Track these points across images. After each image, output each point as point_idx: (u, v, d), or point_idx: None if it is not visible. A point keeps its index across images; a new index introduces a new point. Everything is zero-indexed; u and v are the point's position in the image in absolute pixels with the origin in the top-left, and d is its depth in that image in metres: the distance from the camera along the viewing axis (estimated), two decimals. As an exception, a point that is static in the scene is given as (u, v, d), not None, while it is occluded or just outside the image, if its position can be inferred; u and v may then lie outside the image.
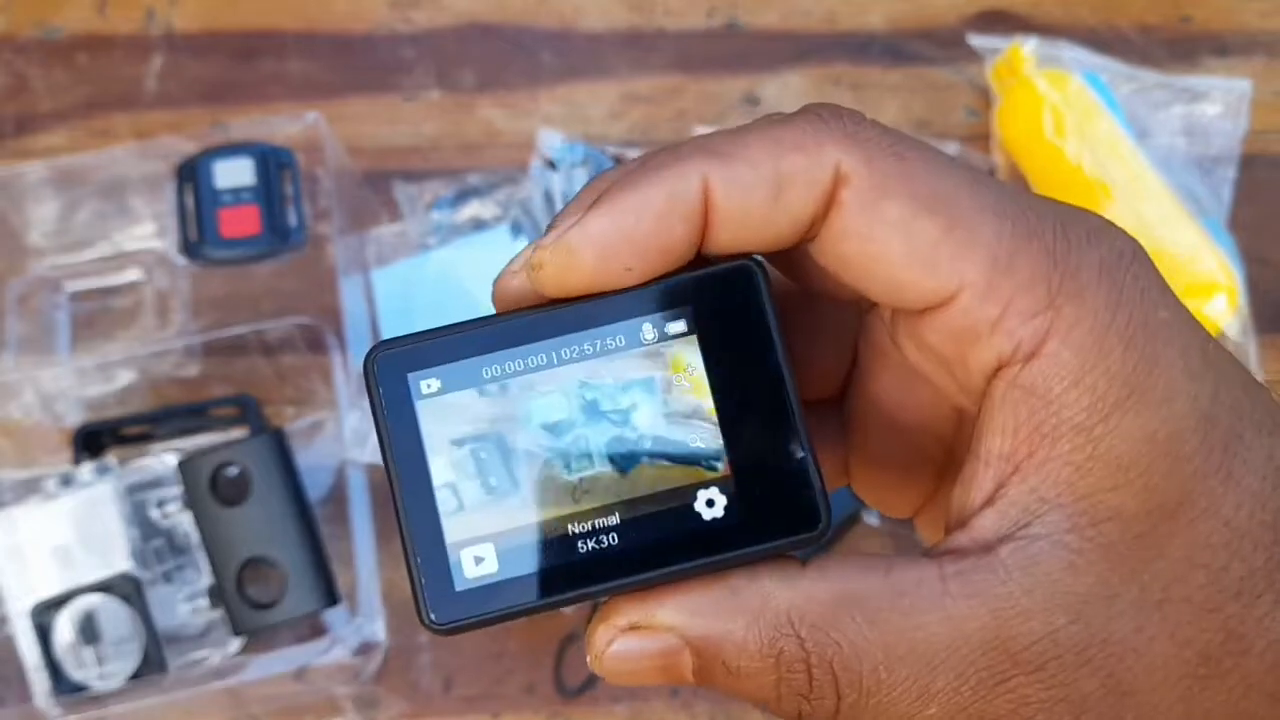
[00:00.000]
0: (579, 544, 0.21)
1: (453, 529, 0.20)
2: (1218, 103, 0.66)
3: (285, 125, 0.60)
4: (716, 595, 0.19)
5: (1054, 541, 0.19)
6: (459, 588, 0.20)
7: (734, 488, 0.20)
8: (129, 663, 0.51)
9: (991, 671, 0.19)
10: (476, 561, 0.20)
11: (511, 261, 0.21)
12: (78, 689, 0.50)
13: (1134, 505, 0.19)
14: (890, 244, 0.19)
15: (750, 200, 0.19)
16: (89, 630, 0.51)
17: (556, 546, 0.21)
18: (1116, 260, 0.19)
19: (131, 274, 0.62)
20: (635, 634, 0.20)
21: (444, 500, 0.20)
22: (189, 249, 0.58)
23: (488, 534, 0.20)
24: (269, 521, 0.50)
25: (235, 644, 0.53)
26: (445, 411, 0.21)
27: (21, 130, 0.66)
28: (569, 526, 0.21)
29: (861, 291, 0.20)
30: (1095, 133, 0.62)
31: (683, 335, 0.21)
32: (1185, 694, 0.19)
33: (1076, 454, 0.19)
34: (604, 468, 0.21)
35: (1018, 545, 0.19)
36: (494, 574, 0.20)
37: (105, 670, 0.51)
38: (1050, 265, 0.19)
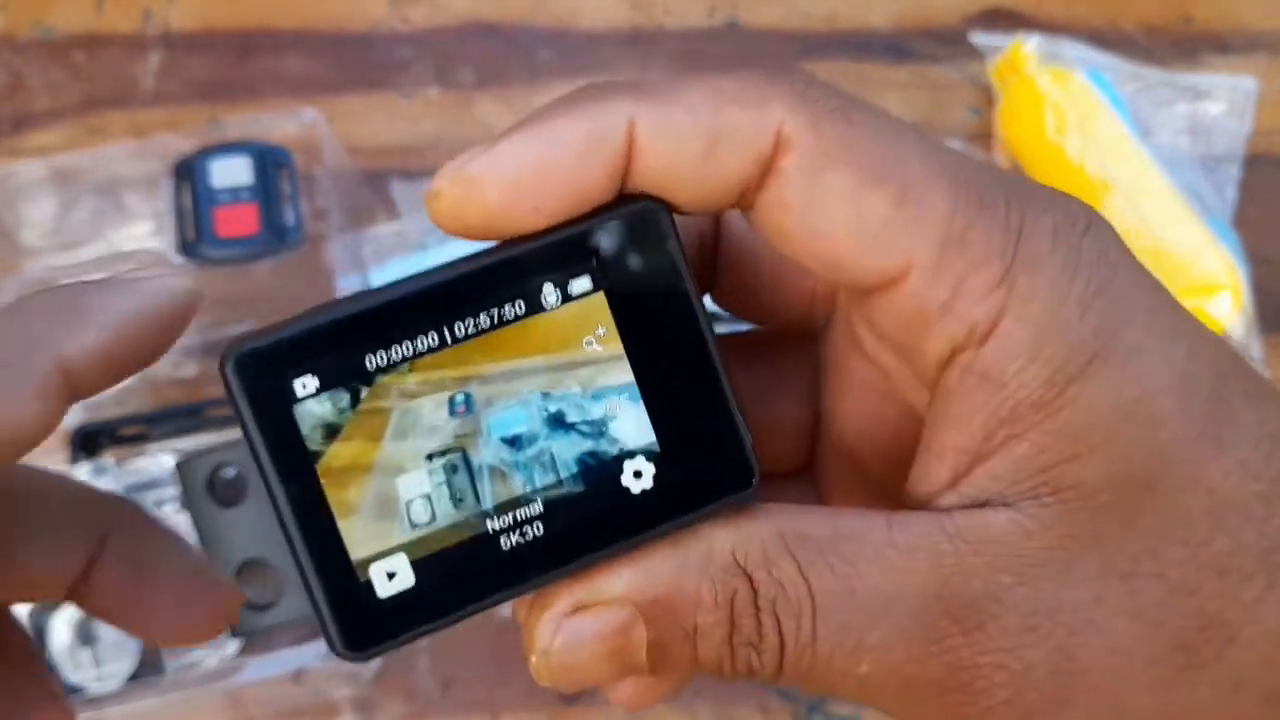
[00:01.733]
0: (501, 539, 0.19)
1: (356, 545, 0.18)
2: (1222, 101, 0.66)
3: (283, 124, 0.59)
4: (662, 555, 0.18)
5: (1009, 512, 0.17)
6: (373, 608, 0.18)
7: (660, 455, 0.18)
8: (126, 664, 0.50)
9: (928, 630, 0.17)
10: (389, 577, 0.18)
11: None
12: (74, 691, 0.50)
13: (1099, 473, 0.17)
14: (834, 218, 0.17)
15: (680, 150, 0.17)
16: (86, 632, 0.50)
17: (477, 546, 0.19)
18: (1071, 226, 0.18)
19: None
20: (583, 614, 0.18)
21: (341, 513, 0.18)
22: (186, 248, 0.58)
23: (396, 544, 0.18)
24: (267, 523, 0.50)
25: (233, 646, 0.53)
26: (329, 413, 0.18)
27: (17, 128, 0.65)
28: (487, 523, 0.19)
29: (804, 266, 0.18)
30: (1098, 131, 0.62)
31: (588, 294, 0.18)
32: (1157, 684, 0.17)
33: (1034, 432, 0.17)
34: (515, 453, 0.18)
35: (973, 512, 0.18)
36: (410, 587, 0.18)
37: (102, 672, 0.50)
38: (1004, 237, 0.17)
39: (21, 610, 0.50)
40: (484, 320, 0.18)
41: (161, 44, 0.68)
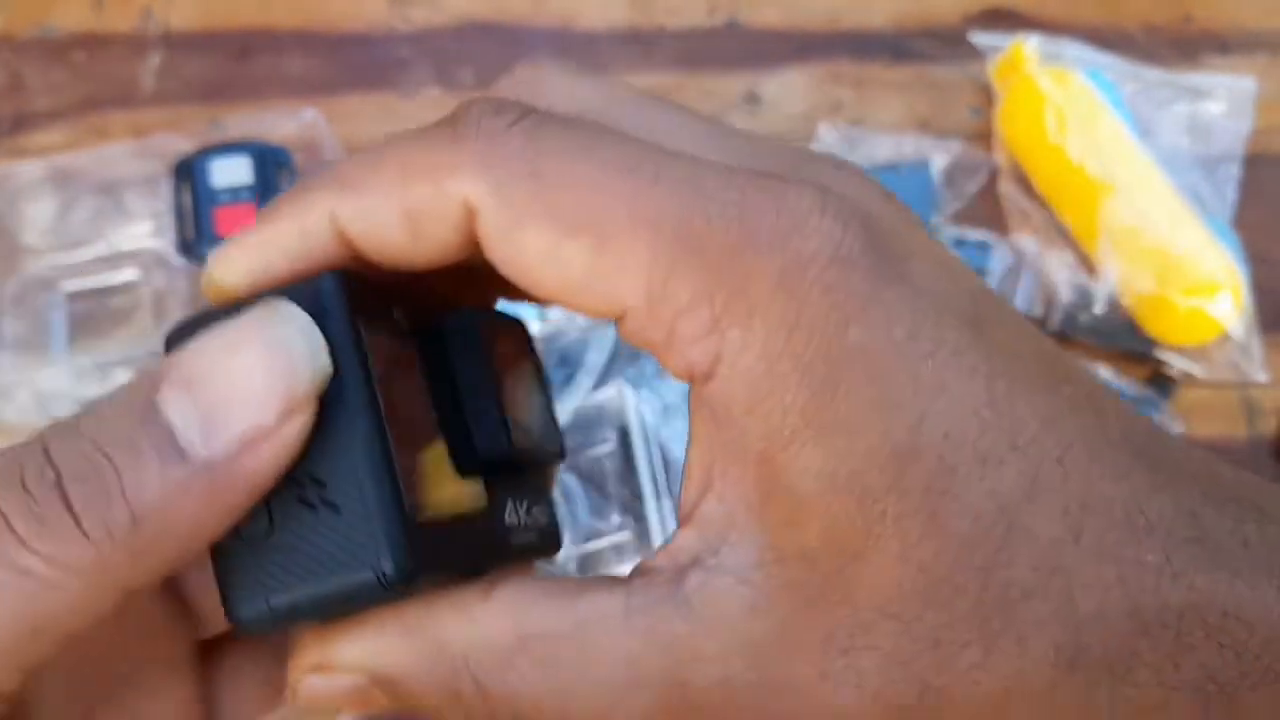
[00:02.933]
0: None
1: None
2: (1222, 101, 0.66)
3: (282, 123, 0.60)
4: (397, 633, 0.18)
5: (738, 578, 0.17)
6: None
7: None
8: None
9: (672, 717, 0.17)
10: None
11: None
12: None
13: (817, 544, 0.17)
14: (542, 273, 0.17)
15: (385, 235, 0.18)
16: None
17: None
18: (803, 267, 0.17)
19: (128, 273, 0.61)
20: (323, 673, 0.19)
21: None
22: (186, 248, 0.58)
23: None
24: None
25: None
26: None
27: (17, 129, 0.65)
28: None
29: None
30: (1098, 131, 0.61)
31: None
32: None
33: (762, 481, 0.17)
34: None
35: (704, 578, 0.18)
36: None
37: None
38: (715, 284, 0.17)
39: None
40: None
41: (161, 44, 0.68)
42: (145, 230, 0.61)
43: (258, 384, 0.17)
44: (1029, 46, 0.64)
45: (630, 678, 0.17)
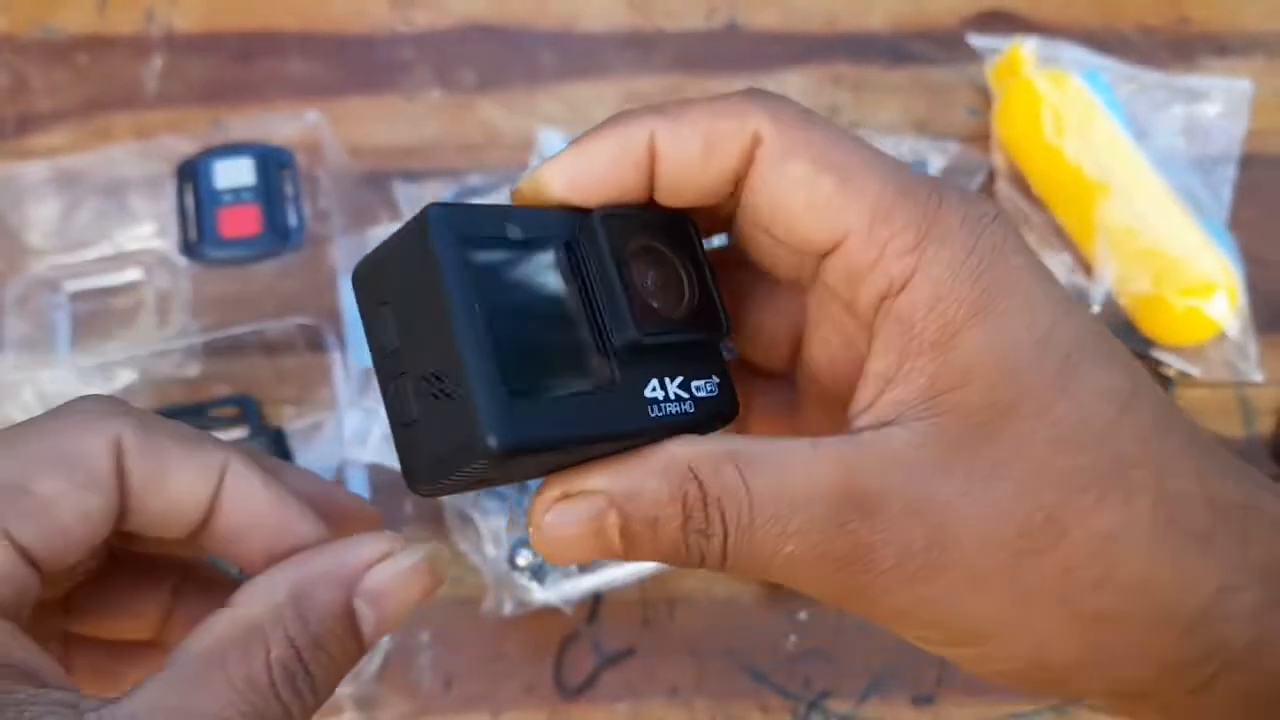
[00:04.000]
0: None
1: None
2: (1218, 102, 0.66)
3: (285, 125, 0.60)
4: (635, 460, 0.23)
5: (904, 427, 0.23)
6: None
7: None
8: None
9: (837, 515, 0.22)
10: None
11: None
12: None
13: (974, 401, 0.22)
14: (793, 195, 0.23)
15: (687, 152, 0.23)
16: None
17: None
18: (979, 219, 0.23)
19: (131, 274, 0.62)
20: (568, 501, 0.23)
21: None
22: (189, 249, 0.58)
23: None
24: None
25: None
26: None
27: (21, 130, 0.66)
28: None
29: (776, 238, 0.24)
30: (1095, 132, 0.62)
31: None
32: (1006, 564, 0.22)
33: (931, 364, 0.22)
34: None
35: (880, 430, 0.23)
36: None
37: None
38: (921, 216, 0.23)
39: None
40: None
41: (164, 45, 0.68)
42: (148, 231, 0.62)
43: (417, 608, 0.24)
44: (1026, 49, 0.64)
45: (811, 485, 0.22)
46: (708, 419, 0.24)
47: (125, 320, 0.61)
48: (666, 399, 0.24)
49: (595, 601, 0.56)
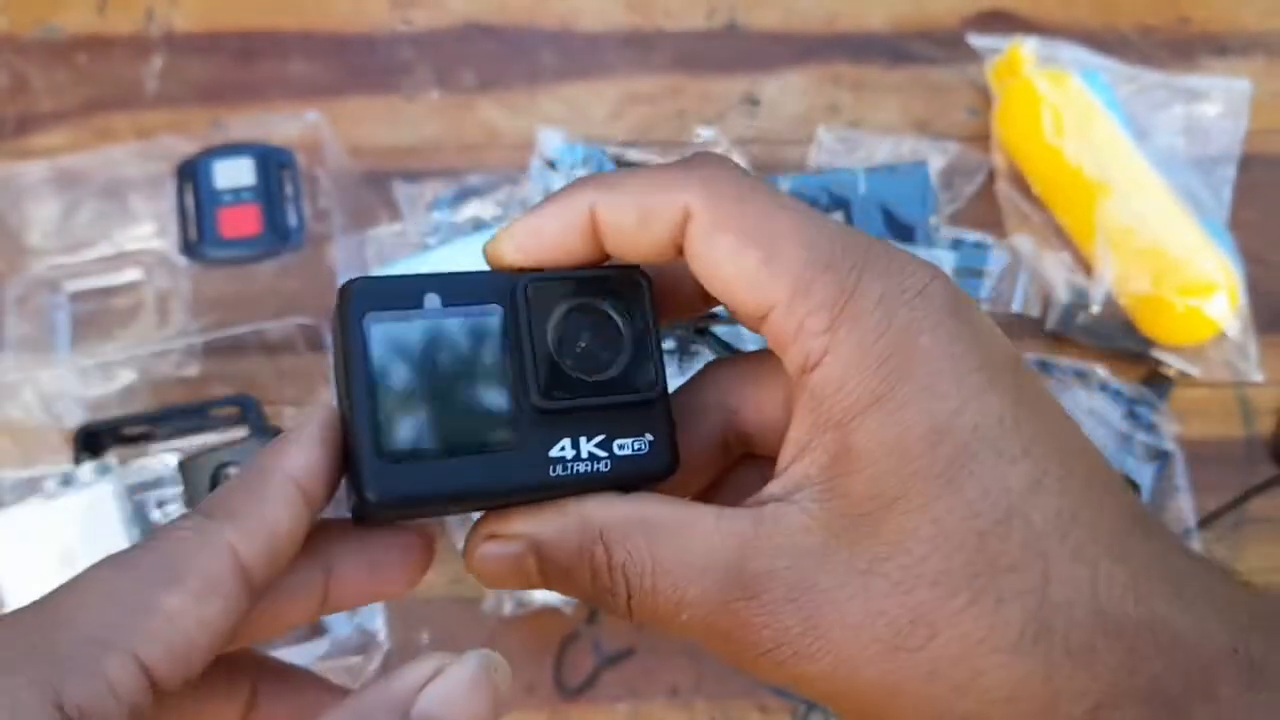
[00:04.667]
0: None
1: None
2: (1218, 102, 0.66)
3: (285, 125, 0.60)
4: (552, 512, 0.25)
5: (801, 508, 0.23)
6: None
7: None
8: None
9: (726, 593, 0.23)
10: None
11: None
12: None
13: (861, 490, 0.23)
14: (723, 268, 0.24)
15: (624, 223, 0.25)
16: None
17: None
18: (897, 295, 0.23)
19: (132, 274, 0.62)
20: (494, 540, 0.25)
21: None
22: (189, 249, 0.58)
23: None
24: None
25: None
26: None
27: (22, 130, 0.66)
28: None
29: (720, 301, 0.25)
30: (1095, 132, 0.62)
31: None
32: (877, 658, 0.22)
33: (833, 444, 0.23)
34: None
35: (777, 506, 0.24)
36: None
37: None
38: (837, 293, 0.23)
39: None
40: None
41: (164, 45, 0.68)
42: (149, 231, 0.62)
43: None
44: (1026, 49, 0.64)
45: (707, 560, 0.23)
46: (632, 476, 0.25)
47: (125, 320, 0.61)
48: (576, 458, 0.25)
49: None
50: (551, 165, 0.62)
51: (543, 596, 0.54)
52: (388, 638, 0.52)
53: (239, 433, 0.57)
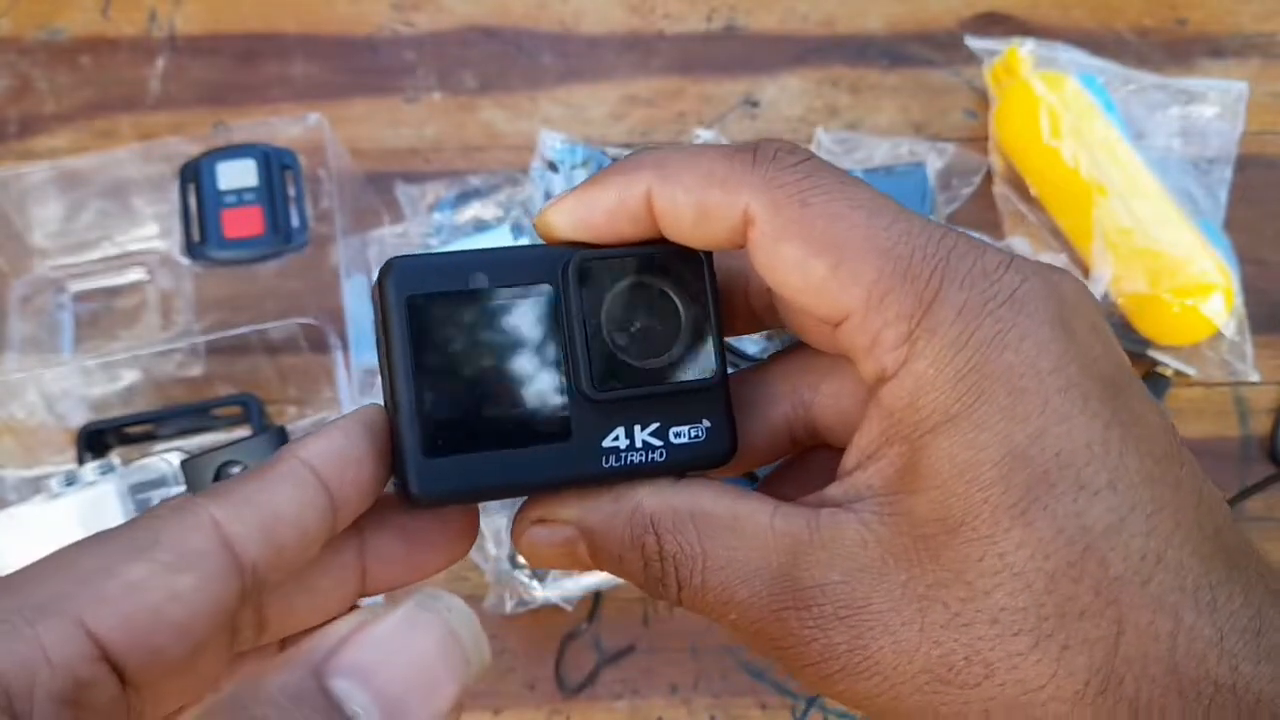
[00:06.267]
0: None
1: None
2: (1214, 104, 0.66)
3: (288, 127, 0.60)
4: (606, 499, 0.24)
5: (860, 520, 0.22)
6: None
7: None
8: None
9: (776, 599, 0.22)
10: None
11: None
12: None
13: (925, 511, 0.21)
14: (789, 276, 0.23)
15: (680, 217, 0.23)
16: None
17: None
18: (981, 306, 0.21)
19: (135, 274, 0.62)
20: (543, 525, 0.24)
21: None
22: (192, 249, 0.59)
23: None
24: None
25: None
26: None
27: (25, 131, 0.66)
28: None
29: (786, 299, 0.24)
30: (1092, 134, 0.62)
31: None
32: (926, 688, 0.21)
33: (899, 459, 0.22)
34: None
35: (836, 513, 0.23)
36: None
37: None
38: (915, 304, 0.21)
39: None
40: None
41: (167, 48, 0.68)
42: (152, 232, 0.62)
43: (437, 677, 0.19)
44: (1023, 51, 0.64)
45: (760, 561, 0.23)
46: (690, 462, 0.24)
47: (129, 320, 0.62)
48: (631, 448, 0.24)
49: (596, 600, 0.56)
50: (552, 166, 0.63)
51: (544, 594, 0.54)
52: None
53: (241, 432, 0.57)
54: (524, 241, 0.60)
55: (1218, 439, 0.61)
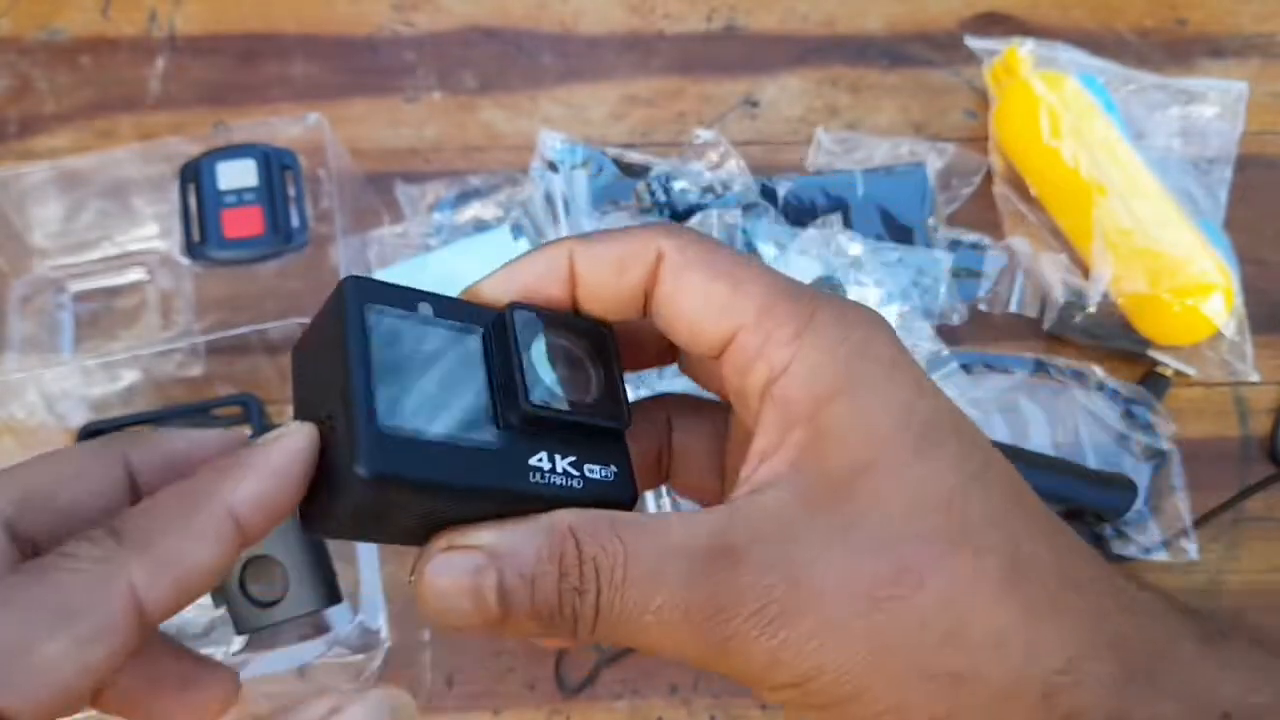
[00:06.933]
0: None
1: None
2: (1214, 104, 0.66)
3: (288, 127, 0.60)
4: (519, 521, 0.25)
5: (776, 488, 0.24)
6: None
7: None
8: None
9: (705, 568, 0.24)
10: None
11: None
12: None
13: (835, 462, 0.24)
14: (692, 299, 0.26)
15: (601, 269, 0.27)
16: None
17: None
18: (852, 320, 0.26)
19: (135, 274, 0.62)
20: (451, 552, 0.24)
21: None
22: (192, 249, 0.59)
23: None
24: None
25: (238, 642, 0.53)
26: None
27: (25, 131, 0.66)
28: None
29: (684, 344, 0.27)
30: (1091, 134, 0.62)
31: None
32: (863, 611, 0.23)
33: (802, 438, 0.25)
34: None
35: (751, 495, 0.25)
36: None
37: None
38: (800, 312, 0.25)
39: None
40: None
41: (167, 48, 0.68)
42: (152, 232, 0.62)
43: None
44: (1023, 51, 0.65)
45: (683, 542, 0.24)
46: (601, 498, 0.26)
47: (129, 320, 0.62)
48: (552, 471, 0.25)
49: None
50: (552, 166, 0.63)
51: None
52: (389, 635, 0.53)
53: (241, 432, 0.57)
54: (523, 243, 0.60)
55: (1218, 439, 0.61)
